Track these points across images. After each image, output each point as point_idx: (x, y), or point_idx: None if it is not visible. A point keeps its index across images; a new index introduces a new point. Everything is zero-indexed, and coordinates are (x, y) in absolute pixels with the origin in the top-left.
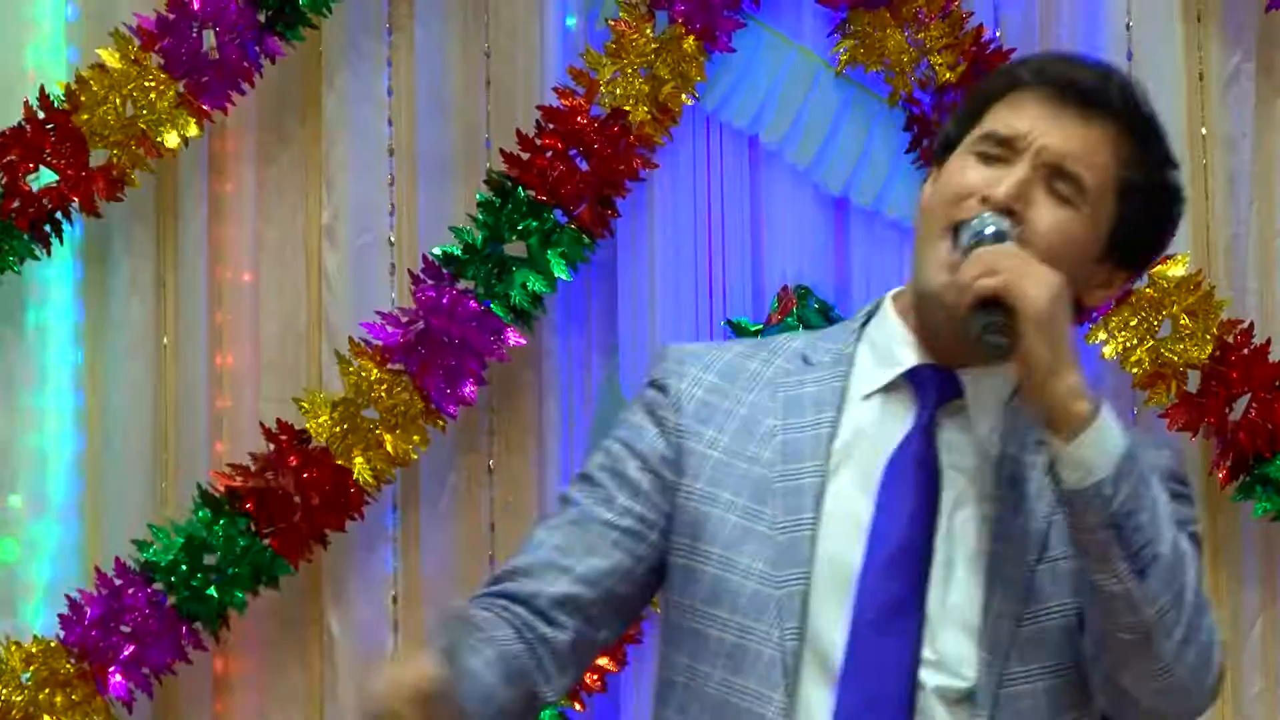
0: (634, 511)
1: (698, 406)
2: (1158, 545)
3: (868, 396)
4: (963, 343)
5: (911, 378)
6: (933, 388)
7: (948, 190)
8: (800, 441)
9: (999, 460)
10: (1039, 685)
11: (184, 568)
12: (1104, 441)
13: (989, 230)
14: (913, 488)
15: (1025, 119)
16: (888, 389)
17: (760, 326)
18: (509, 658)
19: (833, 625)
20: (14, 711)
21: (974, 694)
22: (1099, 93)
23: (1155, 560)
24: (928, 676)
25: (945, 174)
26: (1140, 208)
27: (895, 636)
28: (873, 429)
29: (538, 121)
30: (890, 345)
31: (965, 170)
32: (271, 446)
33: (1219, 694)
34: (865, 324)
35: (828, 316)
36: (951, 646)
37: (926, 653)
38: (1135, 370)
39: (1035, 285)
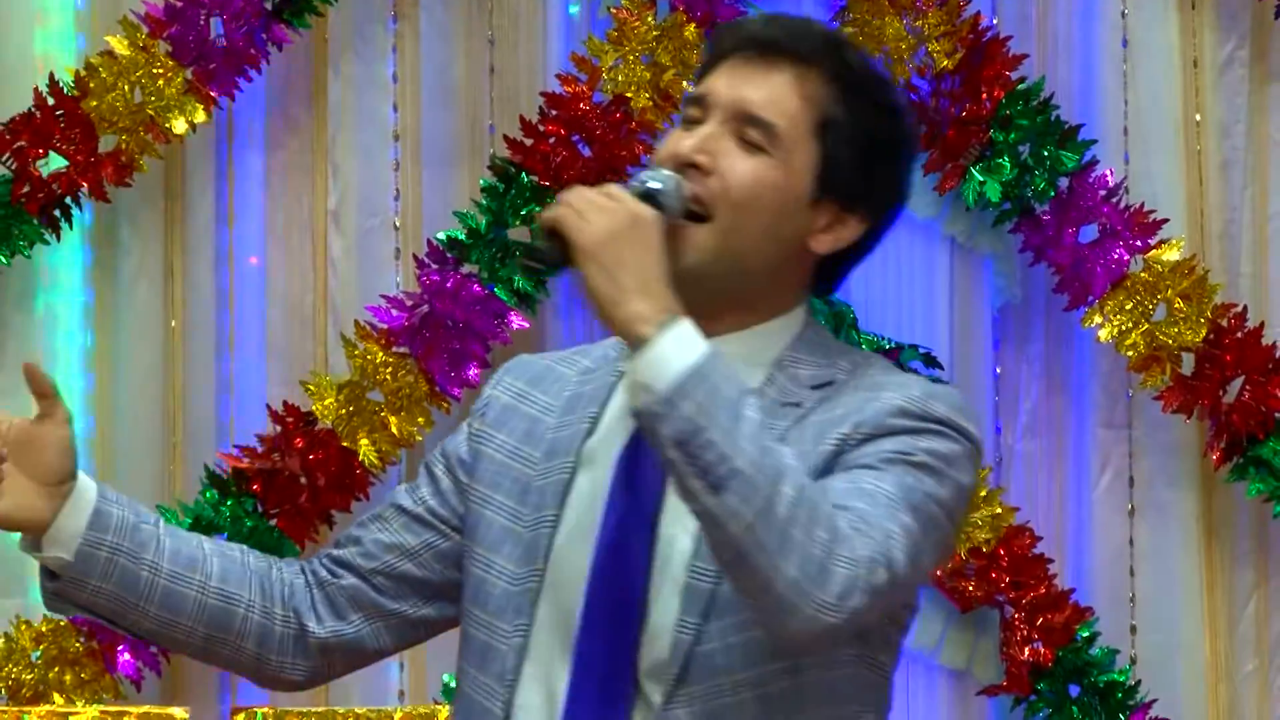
0: (427, 503)
1: (499, 411)
2: (734, 461)
3: (618, 379)
4: (700, 312)
5: None
6: None
7: (657, 157)
8: (561, 440)
9: None
10: (732, 640)
11: None
12: (662, 363)
13: (650, 185)
14: (646, 469)
15: (714, 79)
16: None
17: None
18: (270, 574)
19: (560, 620)
20: (24, 690)
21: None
22: (780, 42)
23: (733, 476)
24: (644, 657)
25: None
26: (843, 146)
27: (619, 628)
28: (622, 418)
29: (541, 108)
30: None
31: (669, 138)
32: (278, 428)
33: (856, 609)
34: None
35: (825, 301)
36: (668, 618)
37: (645, 636)
38: (1130, 353)
39: (596, 218)
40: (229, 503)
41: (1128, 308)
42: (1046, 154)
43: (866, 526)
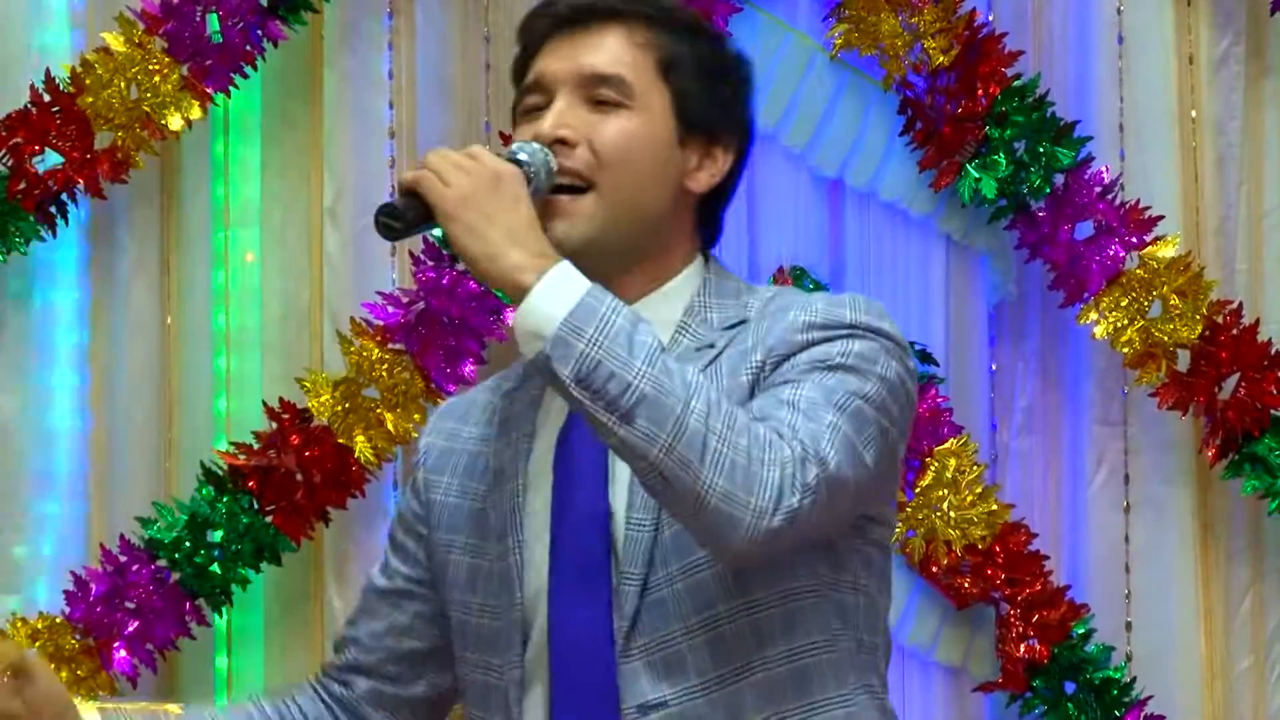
0: (401, 572)
1: (437, 456)
2: (639, 387)
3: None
4: (608, 280)
5: None
6: None
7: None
8: (504, 465)
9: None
10: (679, 586)
11: (187, 545)
12: (547, 307)
13: (517, 155)
14: (582, 454)
15: (543, 61)
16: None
17: None
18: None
19: (543, 635)
20: None
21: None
22: (594, 6)
23: (640, 403)
24: (619, 638)
25: None
26: (689, 80)
27: (592, 604)
28: (555, 413)
29: None
30: None
31: (518, 132)
32: (274, 425)
33: (793, 508)
34: None
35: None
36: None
37: (616, 619)
38: (1126, 350)
39: (457, 178)
40: (225, 499)
41: (1123, 304)
42: (1042, 150)
43: (788, 430)
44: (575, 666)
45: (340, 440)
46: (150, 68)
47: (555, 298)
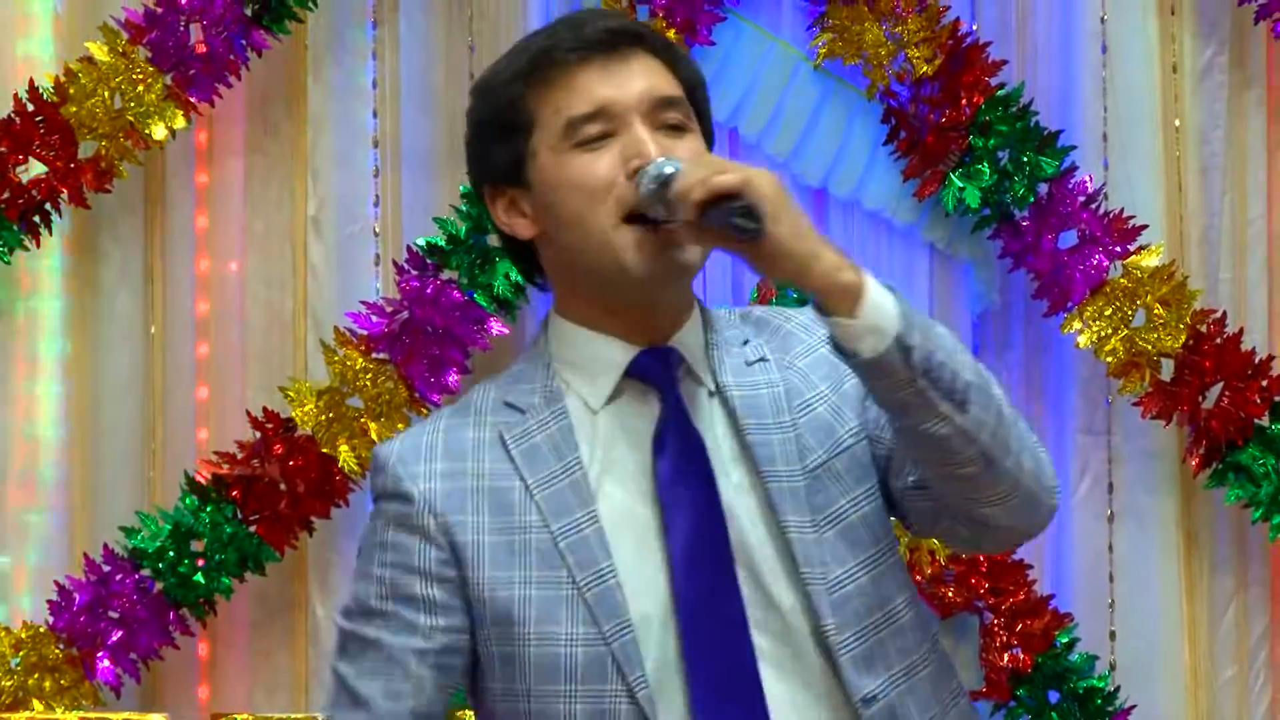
0: (440, 627)
1: (444, 497)
2: (965, 373)
3: (597, 412)
4: (667, 312)
5: (635, 372)
6: (660, 368)
7: (587, 188)
8: (559, 494)
9: (722, 397)
10: (863, 580)
11: (171, 554)
12: (883, 302)
13: (668, 170)
14: (686, 470)
15: (595, 90)
16: (617, 395)
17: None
18: None
19: (670, 650)
20: (3, 696)
21: (816, 615)
22: (624, 30)
23: (969, 389)
24: (759, 640)
25: (564, 180)
26: (703, 103)
27: (723, 625)
28: (623, 440)
29: None
30: (594, 354)
31: (582, 165)
32: (258, 435)
33: (1058, 494)
34: (546, 354)
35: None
36: (775, 595)
37: (754, 614)
38: (1109, 359)
39: (763, 177)
40: (208, 509)
41: (1107, 314)
42: (1026, 160)
43: (1017, 411)
44: (719, 675)
45: (324, 450)
46: (134, 77)
47: (880, 296)
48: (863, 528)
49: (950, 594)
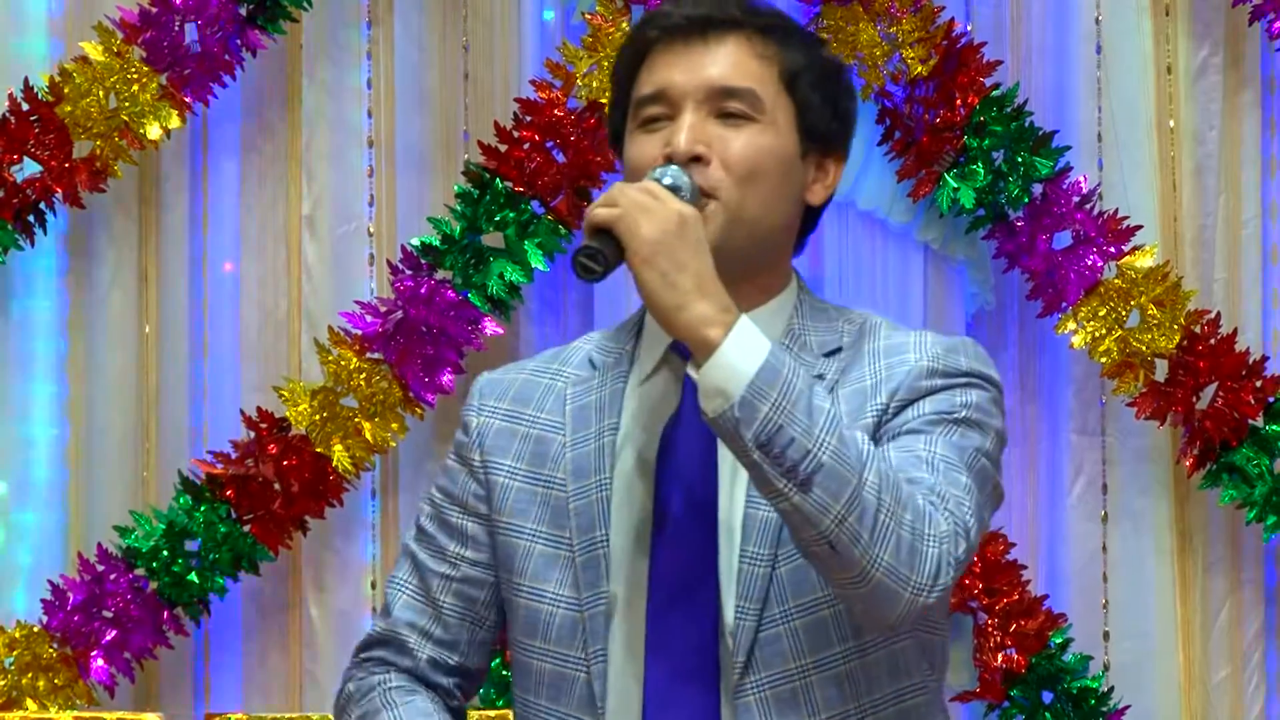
0: (466, 558)
1: (495, 436)
2: (819, 456)
3: (643, 381)
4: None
5: (679, 350)
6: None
7: (633, 167)
8: (586, 456)
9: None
10: (796, 624)
11: (165, 554)
12: (734, 365)
13: (666, 181)
14: (689, 462)
15: (663, 72)
16: (659, 369)
17: None
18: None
19: (631, 636)
20: None
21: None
22: (712, 17)
23: (818, 470)
24: (733, 671)
25: (626, 157)
26: (811, 92)
27: (692, 621)
28: (647, 415)
29: (515, 114)
30: (655, 327)
31: (638, 146)
32: (252, 434)
33: (945, 585)
34: (642, 317)
35: None
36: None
37: (724, 648)
38: (1104, 360)
39: (648, 221)
40: (202, 508)
41: (1101, 314)
42: (1020, 160)
43: (938, 499)
44: (673, 673)
45: (318, 449)
46: (129, 77)
47: (740, 358)
48: (816, 575)
49: None
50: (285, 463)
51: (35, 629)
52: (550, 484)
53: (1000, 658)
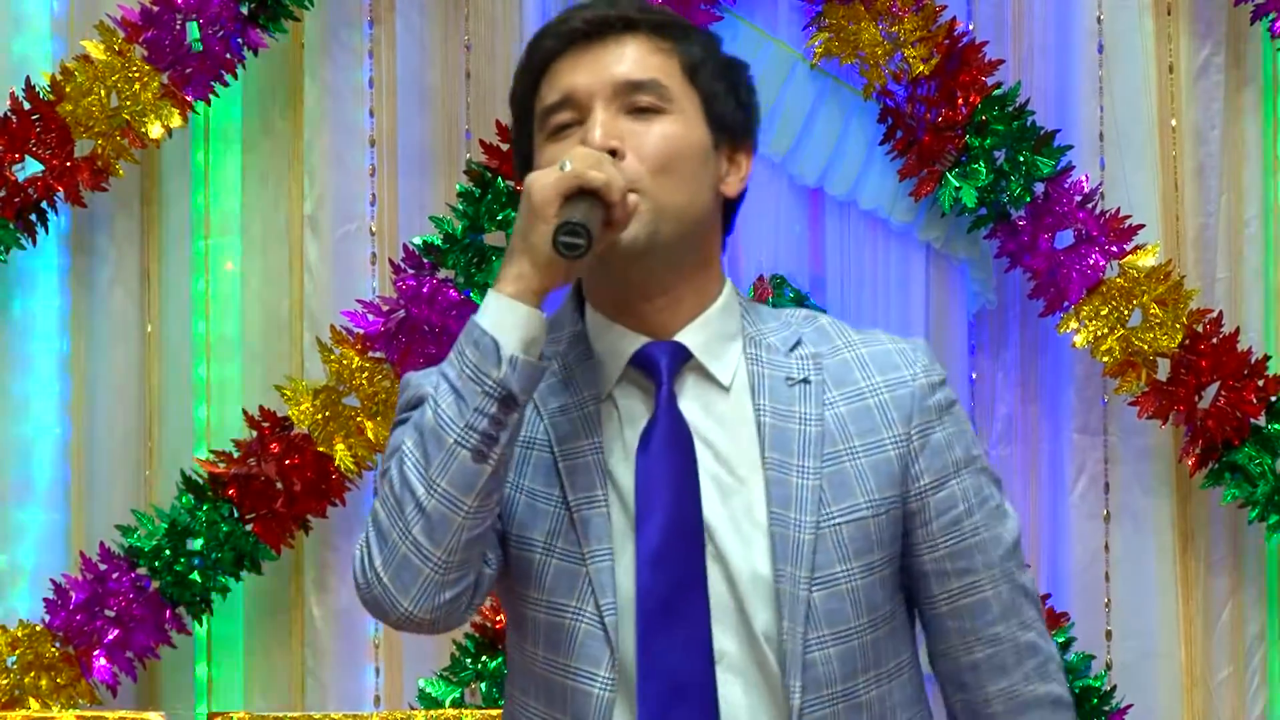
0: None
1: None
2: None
3: (605, 399)
4: (648, 298)
5: (639, 363)
6: (659, 361)
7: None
8: (581, 468)
9: (757, 423)
10: (831, 651)
11: (167, 553)
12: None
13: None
14: (664, 476)
15: (566, 77)
16: (623, 382)
17: None
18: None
19: (628, 648)
20: (0, 695)
21: (782, 662)
22: (607, 17)
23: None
24: (721, 656)
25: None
26: (714, 82)
27: (680, 629)
28: (625, 429)
29: None
30: (611, 340)
31: (550, 154)
32: (254, 433)
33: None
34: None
35: (802, 305)
36: (750, 618)
37: (718, 633)
38: (1106, 359)
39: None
40: (205, 507)
41: (1103, 313)
42: (1022, 159)
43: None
44: (670, 676)
45: (320, 448)
46: (130, 75)
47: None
48: (849, 600)
49: None
50: (287, 462)
51: (38, 628)
52: (548, 500)
53: None
